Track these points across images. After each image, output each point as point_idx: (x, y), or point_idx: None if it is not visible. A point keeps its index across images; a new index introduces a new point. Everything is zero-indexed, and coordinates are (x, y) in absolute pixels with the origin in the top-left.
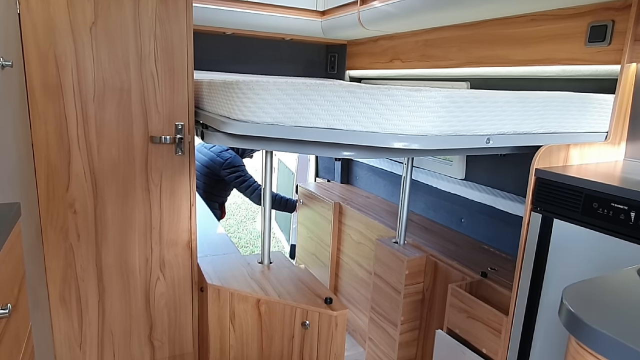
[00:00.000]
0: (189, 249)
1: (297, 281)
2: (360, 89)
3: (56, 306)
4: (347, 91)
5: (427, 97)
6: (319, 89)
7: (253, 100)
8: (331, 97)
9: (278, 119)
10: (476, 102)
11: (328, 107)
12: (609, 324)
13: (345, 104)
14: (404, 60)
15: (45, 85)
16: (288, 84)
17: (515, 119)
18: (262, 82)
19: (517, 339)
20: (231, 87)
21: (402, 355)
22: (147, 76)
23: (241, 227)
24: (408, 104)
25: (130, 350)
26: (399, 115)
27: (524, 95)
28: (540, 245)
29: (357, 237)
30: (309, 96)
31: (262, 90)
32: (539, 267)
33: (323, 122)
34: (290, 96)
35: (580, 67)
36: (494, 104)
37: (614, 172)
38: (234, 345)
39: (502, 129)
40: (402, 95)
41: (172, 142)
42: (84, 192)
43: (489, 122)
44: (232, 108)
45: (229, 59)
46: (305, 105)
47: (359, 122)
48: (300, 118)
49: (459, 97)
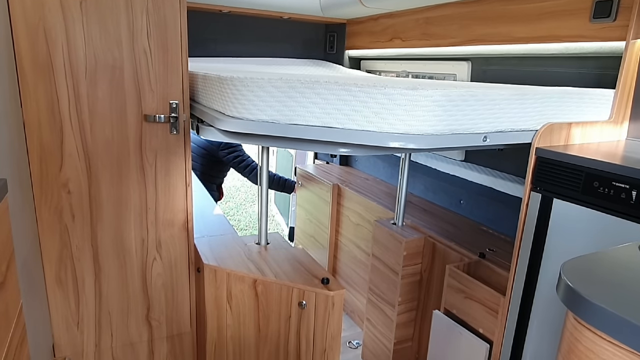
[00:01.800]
0: (185, 229)
1: (294, 262)
2: (357, 87)
3: (52, 286)
4: (342, 89)
5: (424, 96)
6: (314, 86)
7: (248, 98)
8: (327, 95)
9: (273, 117)
10: (473, 101)
11: (323, 105)
12: (607, 298)
13: (341, 102)
14: (404, 39)
15: (35, 62)
16: (283, 81)
17: (512, 116)
18: (256, 79)
19: (513, 318)
20: (225, 83)
21: (399, 336)
22: (139, 53)
23: (240, 210)
24: (404, 103)
25: (128, 330)
26: (395, 114)
27: (522, 92)
28: (539, 225)
29: (355, 219)
30: (304, 94)
31: (256, 88)
32: (538, 247)
33: (318, 120)
34: (285, 93)
35: (584, 45)
36: (491, 102)
37: (615, 151)
38: (231, 325)
39: (500, 126)
40: (398, 94)
41: (166, 121)
42: (77, 171)
43: (486, 120)
44: (226, 104)
45: (225, 38)
46: (300, 103)
47: (354, 120)
48: (295, 116)
49: (456, 96)
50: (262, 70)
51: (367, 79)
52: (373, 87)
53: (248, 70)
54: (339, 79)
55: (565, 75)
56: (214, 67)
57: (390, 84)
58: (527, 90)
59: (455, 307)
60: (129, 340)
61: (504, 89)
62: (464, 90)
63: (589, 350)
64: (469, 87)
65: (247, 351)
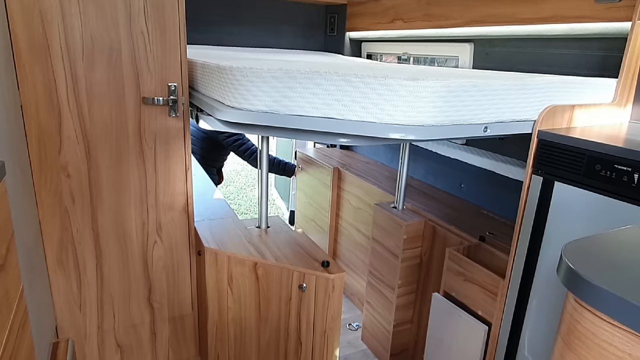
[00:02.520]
0: (186, 212)
1: (294, 245)
2: (356, 77)
3: (54, 269)
4: (342, 80)
5: (424, 87)
6: (314, 77)
7: (247, 88)
8: (326, 86)
9: (272, 107)
10: (474, 91)
11: (323, 96)
12: (607, 280)
13: (341, 92)
14: (406, 21)
15: (31, 44)
16: (282, 71)
17: (513, 106)
18: (255, 69)
19: (512, 301)
20: (224, 72)
21: (399, 318)
22: (137, 35)
23: (241, 194)
24: (404, 94)
25: (130, 312)
26: (395, 105)
27: (523, 83)
28: (540, 208)
29: (356, 203)
30: (303, 84)
31: (255, 78)
32: (538, 230)
33: (318, 111)
34: (285, 84)
35: (589, 25)
36: (492, 92)
37: (618, 134)
38: (232, 307)
39: (501, 117)
40: (399, 85)
41: (165, 103)
42: (76, 155)
43: (486, 110)
44: (225, 94)
45: (225, 19)
46: (299, 93)
47: (354, 111)
48: (295, 106)
49: (457, 86)
50: (261, 57)
51: (367, 68)
52: (373, 78)
53: (247, 57)
54: (340, 68)
55: (570, 56)
56: (213, 55)
57: (391, 73)
58: (528, 80)
59: (455, 290)
60: (131, 322)
61: (505, 78)
62: (465, 81)
63: (589, 331)
64: (470, 76)
65: (248, 333)
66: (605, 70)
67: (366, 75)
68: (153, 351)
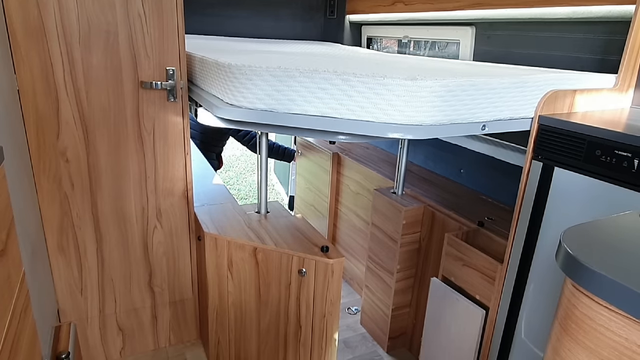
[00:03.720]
0: (185, 198)
1: (293, 230)
2: (355, 77)
3: (55, 254)
4: (341, 79)
5: (422, 87)
6: (313, 75)
7: (246, 86)
8: (324, 85)
9: (271, 105)
10: (473, 90)
11: (321, 95)
12: (605, 265)
13: (339, 92)
14: (407, 3)
15: (26, 27)
16: (281, 70)
17: (512, 104)
18: (254, 67)
19: (510, 285)
20: (223, 70)
21: (397, 302)
22: (134, 17)
23: (240, 179)
24: (402, 94)
25: (131, 296)
26: (393, 105)
27: (522, 80)
28: (539, 194)
29: (355, 188)
30: (302, 83)
31: (254, 76)
32: (537, 215)
33: (316, 109)
34: (283, 82)
35: (592, 8)
36: (491, 91)
37: (619, 119)
38: (232, 291)
39: (499, 115)
40: (397, 85)
41: (163, 87)
42: (75, 140)
43: (485, 109)
44: (224, 91)
45: (223, 2)
46: (298, 92)
47: (352, 111)
48: (293, 105)
49: (456, 86)
50: (260, 49)
51: (366, 63)
52: (371, 78)
53: (245, 49)
54: (338, 65)
55: (572, 40)
56: (211, 47)
57: (389, 72)
58: (527, 79)
59: (453, 275)
60: (132, 306)
61: (503, 76)
62: (464, 80)
63: (585, 315)
64: (468, 75)
65: (248, 317)
66: (608, 54)
67: (364, 74)
68: (154, 334)
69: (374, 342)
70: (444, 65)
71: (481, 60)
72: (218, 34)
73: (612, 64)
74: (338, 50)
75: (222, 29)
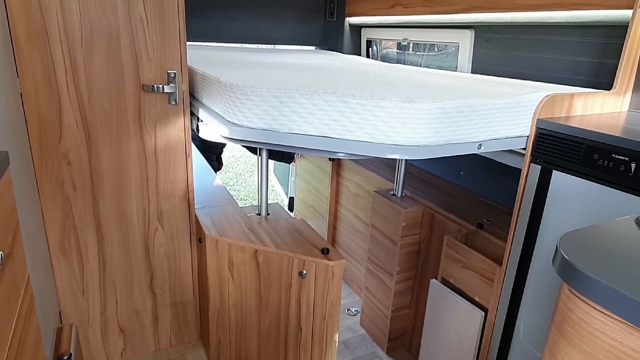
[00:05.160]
0: (186, 200)
1: (294, 232)
2: (354, 98)
3: (57, 256)
4: (340, 101)
5: (420, 110)
6: (312, 97)
7: (247, 106)
8: (324, 106)
9: (271, 125)
10: (469, 112)
11: (320, 116)
12: (601, 270)
13: (338, 113)
14: (407, 6)
15: (29, 30)
16: (282, 91)
17: (508, 124)
18: (255, 88)
19: (509, 287)
20: (225, 89)
21: (397, 303)
22: (136, 21)
23: (240, 180)
24: (401, 116)
25: (133, 298)
26: (391, 126)
27: (516, 101)
28: (537, 196)
29: (355, 190)
30: (302, 104)
31: (255, 97)
32: (535, 218)
33: (316, 130)
34: (284, 103)
35: (590, 13)
36: (486, 112)
37: (617, 123)
38: (233, 293)
39: (495, 134)
40: (395, 108)
41: (165, 91)
42: (77, 142)
43: (481, 129)
44: (226, 110)
45: (223, 3)
46: (298, 113)
47: (351, 132)
48: (293, 125)
49: (452, 108)
50: (261, 60)
51: (366, 77)
52: (370, 100)
53: (245, 61)
54: (338, 84)
55: (570, 43)
56: (212, 59)
57: (387, 94)
58: (522, 98)
59: (452, 277)
60: (133, 308)
61: (499, 96)
62: (460, 102)
63: (581, 320)
64: (466, 95)
65: (249, 318)
66: (605, 58)
67: (363, 96)
68: (155, 336)
69: (373, 343)
70: (441, 81)
71: (481, 61)
72: (218, 36)
73: (609, 68)
74: (337, 61)
75: (222, 31)
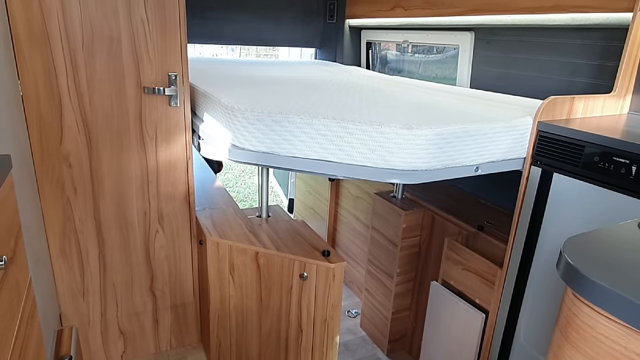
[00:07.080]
0: (187, 202)
1: (295, 234)
2: (353, 124)
3: (57, 258)
4: (340, 126)
5: (418, 135)
6: (313, 122)
7: (248, 129)
8: (324, 131)
9: (273, 149)
10: (466, 137)
11: (321, 141)
12: (605, 275)
13: (338, 138)
14: (407, 8)
15: (30, 32)
16: (282, 115)
17: (504, 147)
18: (256, 112)
19: (509, 290)
20: (226, 111)
21: (397, 305)
22: (137, 23)
23: (239, 182)
24: (399, 142)
25: (133, 300)
26: (390, 152)
27: (513, 124)
28: (538, 199)
29: (355, 192)
30: (302, 129)
31: (257, 121)
32: (536, 220)
33: (316, 154)
34: (285, 128)
35: (590, 15)
36: (483, 136)
37: (617, 126)
38: (234, 295)
39: (491, 157)
40: (394, 133)
41: (166, 93)
42: (78, 145)
43: (477, 153)
44: (227, 131)
45: (224, 5)
46: (298, 137)
47: (351, 156)
48: (294, 149)
49: (449, 133)
50: (260, 73)
51: (365, 96)
52: (369, 125)
53: (245, 75)
54: (337, 106)
55: (570, 46)
56: (211, 73)
57: (386, 119)
58: (519, 122)
59: (453, 279)
60: (133, 310)
61: (496, 120)
62: (457, 127)
63: (586, 324)
64: (462, 119)
65: (250, 320)
66: (605, 60)
67: (362, 122)
68: (156, 338)
69: (373, 345)
70: (439, 100)
71: (480, 63)
72: (219, 37)
73: (609, 70)
74: (337, 73)
75: (222, 33)
